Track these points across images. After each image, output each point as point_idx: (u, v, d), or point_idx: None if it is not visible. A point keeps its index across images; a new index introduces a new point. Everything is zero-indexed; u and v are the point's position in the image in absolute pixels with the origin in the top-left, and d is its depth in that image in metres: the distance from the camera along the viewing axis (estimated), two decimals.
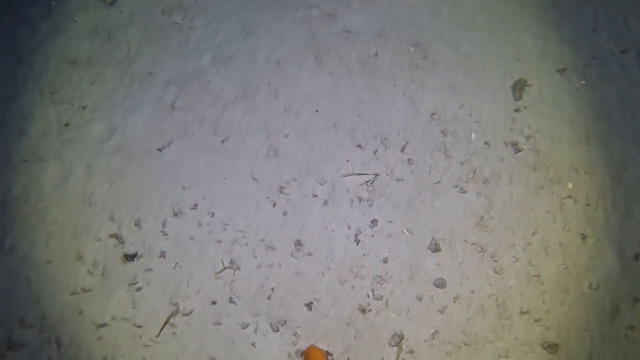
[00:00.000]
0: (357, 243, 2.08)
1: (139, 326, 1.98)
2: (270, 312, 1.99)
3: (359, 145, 2.21)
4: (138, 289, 2.03)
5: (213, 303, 2.01)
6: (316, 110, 2.27)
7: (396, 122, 2.24)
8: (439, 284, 2.00)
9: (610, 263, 1.98)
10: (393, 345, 1.94)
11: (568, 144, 2.16)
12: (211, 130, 2.26)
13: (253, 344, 1.96)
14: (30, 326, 1.97)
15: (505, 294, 1.98)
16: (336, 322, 1.98)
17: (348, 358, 1.92)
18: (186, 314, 2.00)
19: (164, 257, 2.07)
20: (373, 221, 2.10)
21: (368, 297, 2.00)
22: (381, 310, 1.98)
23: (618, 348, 1.87)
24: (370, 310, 1.99)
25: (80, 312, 2.00)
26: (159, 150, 2.23)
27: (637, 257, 1.97)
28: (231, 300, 2.01)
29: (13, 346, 1.93)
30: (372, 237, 2.08)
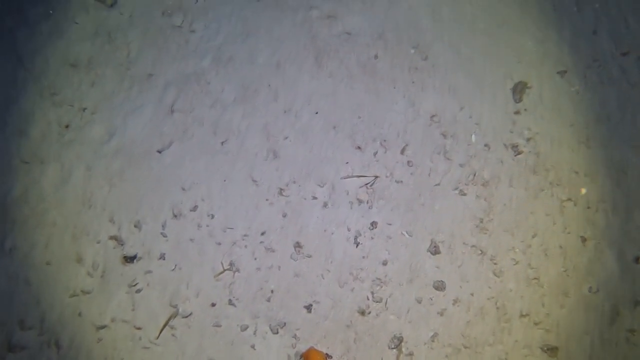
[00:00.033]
0: (357, 245, 2.07)
1: (139, 328, 1.99)
2: (269, 314, 2.00)
3: (359, 147, 2.21)
4: (138, 291, 2.03)
5: (212, 305, 2.01)
6: (316, 112, 2.27)
7: (396, 124, 2.24)
8: (439, 287, 2.00)
9: (610, 266, 1.98)
10: (392, 347, 1.94)
11: (568, 147, 2.15)
12: (211, 132, 2.26)
13: (252, 346, 1.96)
14: (30, 328, 1.97)
15: (504, 297, 1.98)
16: (336, 325, 1.98)
17: None
18: (186, 316, 2.00)
19: (164, 259, 2.07)
20: (373, 223, 2.10)
21: (367, 300, 2.00)
22: (381, 312, 1.98)
23: (618, 351, 1.87)
24: (369, 312, 1.99)
25: (79, 314, 2.00)
26: (159, 152, 2.24)
27: (637, 260, 1.96)
28: (231, 302, 2.01)
29: (13, 348, 1.94)
30: (372, 240, 2.08)
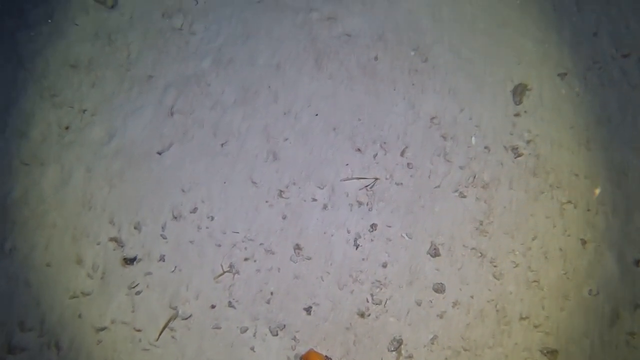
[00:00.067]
0: (357, 247, 2.07)
1: (139, 330, 1.99)
2: (269, 316, 2.00)
3: (359, 149, 2.21)
4: (137, 293, 2.03)
5: (212, 307, 2.01)
6: (316, 114, 2.27)
7: (396, 126, 2.23)
8: (438, 289, 2.00)
9: (610, 269, 1.98)
10: (392, 350, 1.94)
11: (568, 149, 2.15)
12: (211, 133, 2.26)
13: (252, 348, 1.96)
14: (29, 329, 1.97)
15: (504, 300, 1.98)
16: (335, 327, 1.98)
17: None
18: (185, 318, 2.00)
19: (164, 261, 2.08)
20: (372, 225, 2.10)
21: (367, 302, 2.00)
22: (380, 315, 1.98)
23: (618, 354, 1.87)
24: (369, 314, 1.98)
25: (79, 316, 2.00)
26: (159, 153, 2.24)
27: (638, 263, 1.96)
28: (230, 304, 2.01)
29: (13, 349, 1.94)
30: (372, 242, 2.08)
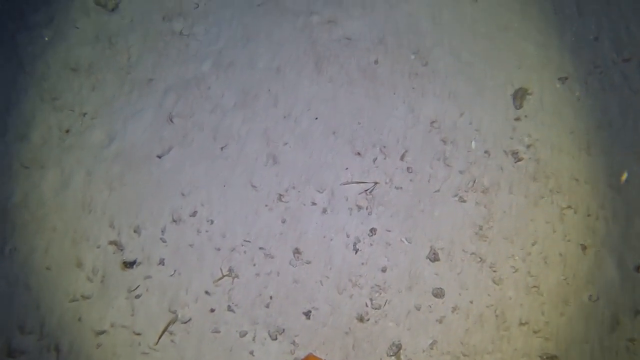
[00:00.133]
0: (356, 252, 2.07)
1: (138, 334, 1.99)
2: (268, 321, 2.00)
3: (359, 153, 2.21)
4: (137, 296, 2.04)
5: (211, 311, 2.01)
6: (316, 117, 2.27)
7: (396, 130, 2.23)
8: (438, 294, 2.00)
9: (610, 274, 1.97)
10: (391, 355, 1.93)
11: (569, 154, 2.15)
12: (211, 137, 2.26)
13: (251, 352, 1.96)
14: (29, 333, 1.98)
15: (504, 305, 1.97)
16: (334, 331, 1.97)
17: None
18: (185, 322, 2.00)
19: (163, 265, 2.08)
20: (372, 230, 2.09)
21: (366, 306, 2.00)
22: (379, 319, 1.98)
23: None
24: (368, 319, 1.98)
25: (79, 319, 2.01)
26: (159, 157, 2.24)
27: (638, 269, 1.95)
28: (230, 308, 2.01)
29: (12, 352, 1.94)
30: (371, 246, 2.08)
